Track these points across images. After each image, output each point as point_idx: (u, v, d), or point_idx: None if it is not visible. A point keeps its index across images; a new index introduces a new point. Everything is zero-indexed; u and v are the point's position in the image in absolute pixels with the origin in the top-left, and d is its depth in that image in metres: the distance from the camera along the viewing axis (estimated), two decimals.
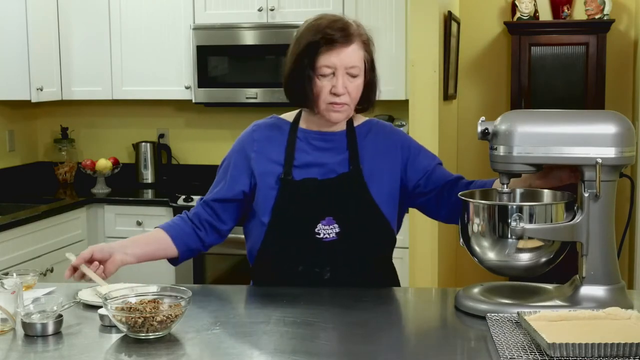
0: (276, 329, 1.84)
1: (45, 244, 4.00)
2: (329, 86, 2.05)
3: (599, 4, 4.77)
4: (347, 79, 2.06)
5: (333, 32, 2.04)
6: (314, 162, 2.13)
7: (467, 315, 1.89)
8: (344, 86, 2.05)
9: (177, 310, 1.76)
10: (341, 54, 2.04)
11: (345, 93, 2.06)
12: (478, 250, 1.92)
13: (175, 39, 4.51)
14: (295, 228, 2.10)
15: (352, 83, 2.07)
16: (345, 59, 2.04)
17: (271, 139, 2.20)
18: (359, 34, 2.08)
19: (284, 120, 2.24)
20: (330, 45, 2.03)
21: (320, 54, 2.04)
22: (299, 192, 2.11)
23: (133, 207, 4.37)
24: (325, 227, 2.09)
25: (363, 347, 1.71)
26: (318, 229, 2.09)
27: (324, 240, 2.09)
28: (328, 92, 2.05)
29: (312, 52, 2.04)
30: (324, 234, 2.09)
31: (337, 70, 2.04)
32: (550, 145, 1.83)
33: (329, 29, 2.04)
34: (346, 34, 2.04)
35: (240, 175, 2.18)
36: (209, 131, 4.88)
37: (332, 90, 2.05)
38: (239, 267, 4.32)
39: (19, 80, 4.28)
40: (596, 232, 1.84)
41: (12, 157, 4.81)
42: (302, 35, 2.11)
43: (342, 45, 2.04)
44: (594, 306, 1.81)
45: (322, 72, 2.05)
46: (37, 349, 1.72)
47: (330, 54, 2.04)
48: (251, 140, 2.21)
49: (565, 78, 4.85)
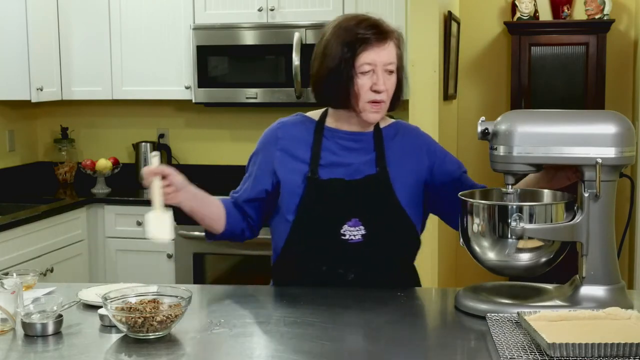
0: (276, 329, 1.84)
1: (45, 244, 4.00)
2: (369, 84, 2.06)
3: (599, 4, 4.77)
4: (385, 76, 2.07)
5: (370, 30, 2.06)
6: (341, 162, 2.13)
7: (467, 315, 1.89)
8: (384, 83, 2.06)
9: (177, 310, 1.76)
10: (380, 50, 2.06)
11: (385, 90, 2.07)
12: (478, 250, 1.92)
13: (175, 39, 4.51)
14: (321, 228, 2.09)
15: (389, 80, 2.08)
16: (384, 55, 2.06)
17: (296, 136, 2.19)
18: (391, 29, 2.11)
19: (309, 119, 2.23)
20: (369, 43, 2.05)
21: (360, 52, 2.05)
22: (325, 192, 2.10)
23: (133, 207, 4.37)
24: (351, 228, 2.09)
25: (363, 347, 1.71)
26: (344, 230, 2.08)
27: (349, 242, 2.09)
28: (368, 89, 2.06)
29: (352, 51, 2.05)
30: (349, 236, 2.09)
31: (376, 67, 2.06)
32: (550, 145, 1.83)
33: (364, 28, 2.07)
34: (381, 30, 2.08)
35: (262, 174, 2.20)
36: (209, 131, 4.88)
37: (373, 88, 2.06)
38: (239, 267, 4.32)
39: (19, 80, 4.28)
40: (596, 232, 1.84)
41: (12, 157, 4.81)
42: (334, 36, 2.09)
43: (380, 43, 2.06)
44: (594, 306, 1.81)
45: (362, 69, 2.05)
46: (37, 349, 1.72)
47: (370, 52, 2.05)
48: (275, 138, 2.22)
49: (565, 78, 4.85)
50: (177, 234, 4.25)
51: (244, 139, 4.83)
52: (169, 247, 4.29)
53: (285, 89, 4.29)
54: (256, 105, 4.48)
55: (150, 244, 4.31)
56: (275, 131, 2.24)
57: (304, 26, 4.23)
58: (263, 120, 4.75)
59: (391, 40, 2.09)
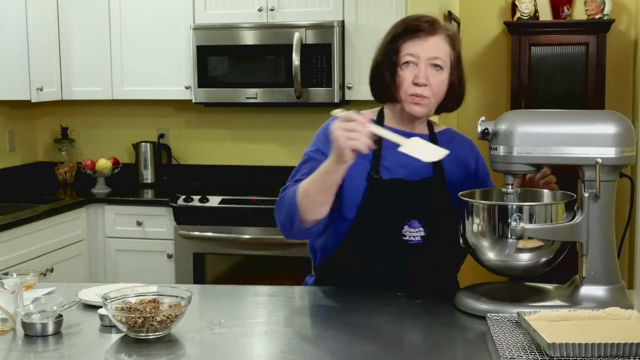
0: (276, 329, 1.84)
1: (45, 244, 4.00)
2: (411, 76, 2.04)
3: (599, 4, 4.77)
4: (430, 71, 2.05)
5: (418, 22, 2.05)
6: (400, 163, 2.10)
7: (467, 315, 1.89)
8: (425, 77, 2.03)
9: (177, 310, 1.76)
10: (424, 43, 2.04)
11: (428, 85, 2.04)
12: (478, 250, 1.92)
13: (175, 39, 4.51)
14: (383, 228, 2.07)
15: (435, 76, 2.05)
16: (429, 49, 2.04)
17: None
18: (444, 27, 2.08)
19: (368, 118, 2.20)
20: (414, 34, 2.04)
21: (404, 42, 2.04)
22: (387, 192, 2.07)
23: (133, 207, 4.37)
24: (412, 229, 2.08)
25: (363, 347, 1.71)
26: (405, 231, 2.08)
27: (409, 243, 2.08)
28: (410, 82, 2.04)
29: (396, 41, 2.05)
30: (409, 237, 2.08)
31: (419, 59, 2.04)
32: (550, 145, 1.83)
33: (414, 20, 2.07)
34: (431, 24, 2.06)
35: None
36: (209, 131, 4.88)
37: (414, 80, 2.04)
38: (239, 267, 4.32)
39: (19, 80, 4.28)
40: (596, 232, 1.84)
41: (12, 157, 4.81)
42: (389, 30, 2.11)
43: (426, 35, 2.04)
44: (594, 306, 1.81)
45: (405, 60, 2.04)
46: (37, 349, 1.72)
47: (413, 43, 2.04)
48: None
49: (565, 78, 4.86)
50: (177, 234, 4.26)
51: (244, 139, 4.83)
52: (169, 247, 4.29)
53: (285, 89, 4.29)
54: (256, 105, 4.48)
55: (150, 244, 4.33)
56: None
57: (304, 26, 4.23)
58: (263, 120, 4.79)
59: (440, 35, 2.06)
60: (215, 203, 4.22)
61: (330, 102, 4.26)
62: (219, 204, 4.21)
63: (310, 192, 1.98)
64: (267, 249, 4.17)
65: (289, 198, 2.04)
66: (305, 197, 1.98)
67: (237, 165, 4.84)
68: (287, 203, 2.03)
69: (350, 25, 4.27)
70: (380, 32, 2.20)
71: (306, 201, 1.98)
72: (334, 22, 4.21)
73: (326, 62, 4.22)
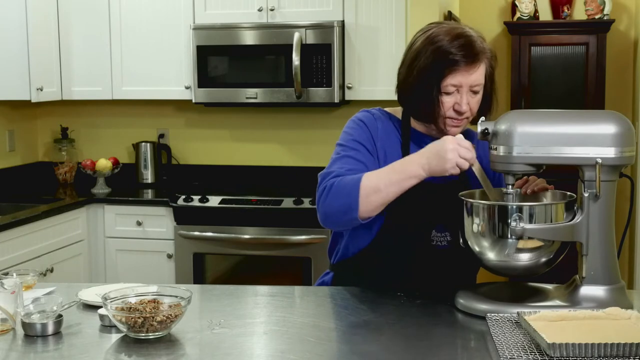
0: (276, 329, 1.84)
1: (45, 244, 4.00)
2: (452, 102, 2.03)
3: (599, 4, 4.77)
4: (470, 96, 2.04)
5: (461, 52, 1.99)
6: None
7: (467, 315, 1.89)
8: (467, 103, 2.03)
9: (177, 310, 1.76)
10: (468, 74, 2.01)
11: (468, 110, 2.04)
12: (478, 250, 1.92)
13: (175, 39, 4.51)
14: (412, 231, 2.06)
15: (473, 99, 2.05)
16: (471, 78, 2.02)
17: (390, 133, 2.14)
18: (484, 50, 2.04)
19: (393, 116, 2.18)
20: (458, 65, 2.00)
21: (448, 74, 2.00)
22: (417, 194, 2.02)
23: (133, 207, 4.37)
24: (439, 234, 2.08)
25: (363, 347, 1.71)
26: (433, 235, 2.08)
27: (437, 248, 2.08)
28: (450, 107, 2.03)
29: (440, 71, 2.00)
30: (437, 241, 2.08)
31: (461, 88, 2.02)
32: (550, 145, 1.83)
33: (456, 48, 2.00)
34: (473, 53, 2.01)
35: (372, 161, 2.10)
36: (209, 131, 4.88)
37: (456, 108, 2.03)
38: (239, 267, 4.32)
39: (19, 80, 4.28)
40: (596, 232, 1.84)
41: (12, 157, 4.81)
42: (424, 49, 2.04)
43: (470, 66, 2.01)
44: (594, 306, 1.81)
45: (447, 90, 2.02)
46: (37, 349, 1.72)
47: (457, 74, 2.00)
48: (375, 128, 2.13)
49: (565, 78, 4.85)
50: (177, 234, 4.26)
51: (244, 139, 4.83)
52: (169, 247, 4.29)
53: (285, 89, 4.29)
54: (256, 105, 4.48)
55: (150, 244, 4.33)
56: (374, 122, 2.14)
57: (304, 26, 4.23)
58: (263, 120, 4.79)
59: (482, 62, 2.03)
60: (215, 203, 4.22)
61: (330, 102, 4.26)
62: (219, 204, 4.21)
63: (382, 188, 1.93)
64: (267, 249, 4.17)
65: (349, 189, 1.97)
66: (376, 192, 1.94)
67: (237, 165, 4.84)
68: (346, 194, 1.96)
69: (350, 25, 4.27)
70: (380, 32, 2.19)
71: (375, 196, 1.94)
72: (334, 22, 4.21)
73: (326, 62, 4.22)
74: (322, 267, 4.04)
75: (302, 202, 4.11)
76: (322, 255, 4.04)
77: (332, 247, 2.25)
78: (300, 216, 4.07)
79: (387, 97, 4.11)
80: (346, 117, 2.26)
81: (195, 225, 4.24)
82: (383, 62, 4.27)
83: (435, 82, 2.01)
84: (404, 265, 2.10)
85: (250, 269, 4.31)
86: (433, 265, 2.09)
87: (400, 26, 4.20)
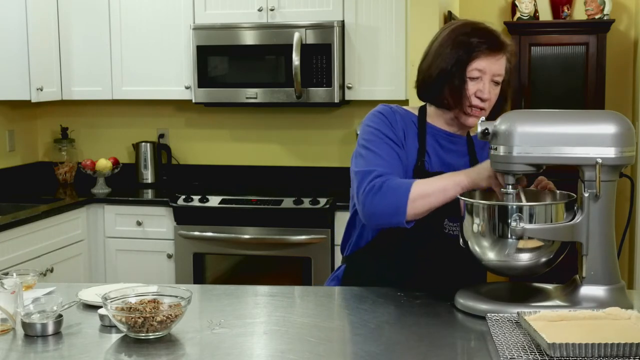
0: (276, 329, 1.84)
1: (45, 244, 4.00)
2: (475, 89, 2.08)
3: (599, 4, 4.77)
4: (491, 86, 2.09)
5: (486, 39, 2.07)
6: (440, 161, 2.14)
7: (467, 315, 1.89)
8: (489, 91, 2.08)
9: (177, 310, 1.76)
10: (493, 60, 2.07)
11: (489, 99, 2.09)
12: (478, 250, 1.92)
13: (175, 39, 4.51)
14: (427, 219, 2.06)
15: (494, 90, 2.10)
16: (496, 66, 2.08)
17: (408, 126, 2.18)
18: (506, 43, 2.12)
19: (409, 112, 2.22)
20: (483, 51, 2.06)
21: (474, 57, 2.06)
22: None
23: (133, 207, 4.37)
24: (451, 223, 2.11)
25: (363, 347, 1.71)
26: (445, 223, 2.11)
27: (449, 236, 2.10)
28: (473, 94, 2.08)
29: (467, 55, 2.06)
30: (449, 229, 2.11)
31: (485, 75, 2.07)
32: (550, 145, 1.83)
33: (479, 36, 2.07)
34: (498, 42, 2.09)
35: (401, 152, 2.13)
36: (209, 131, 4.88)
37: (477, 94, 2.08)
38: (239, 267, 4.32)
39: (19, 80, 4.28)
40: (596, 232, 1.84)
41: (12, 157, 4.81)
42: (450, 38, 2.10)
43: (495, 53, 2.07)
44: (594, 306, 1.81)
45: (471, 75, 2.07)
46: (37, 349, 1.72)
47: (483, 60, 2.06)
48: (395, 120, 2.17)
49: (565, 78, 4.85)
50: (177, 234, 4.26)
51: (244, 139, 4.83)
52: (169, 247, 4.29)
53: (285, 89, 4.29)
54: (256, 105, 4.48)
55: (150, 244, 4.33)
56: (393, 115, 2.17)
57: (304, 26, 4.23)
58: (263, 120, 4.79)
59: (504, 54, 2.10)
60: (215, 203, 4.22)
61: (330, 102, 4.26)
62: (219, 204, 4.21)
63: (430, 194, 1.98)
64: (267, 249, 4.17)
65: (400, 192, 1.99)
66: (423, 198, 1.98)
67: (237, 165, 4.84)
68: (396, 196, 1.99)
69: (350, 25, 4.28)
70: (380, 32, 2.20)
71: (422, 201, 1.98)
72: (334, 22, 4.21)
73: (326, 62, 4.22)
74: (322, 267, 4.04)
75: (302, 202, 4.11)
76: (322, 255, 4.05)
77: (345, 240, 2.28)
78: (300, 216, 4.07)
79: (387, 97, 4.12)
80: (346, 117, 2.27)
81: (195, 225, 4.24)
82: (383, 62, 4.27)
83: (461, 66, 2.06)
84: (416, 254, 2.12)
85: (250, 269, 4.31)
86: (445, 253, 2.11)
87: (400, 26, 4.20)
